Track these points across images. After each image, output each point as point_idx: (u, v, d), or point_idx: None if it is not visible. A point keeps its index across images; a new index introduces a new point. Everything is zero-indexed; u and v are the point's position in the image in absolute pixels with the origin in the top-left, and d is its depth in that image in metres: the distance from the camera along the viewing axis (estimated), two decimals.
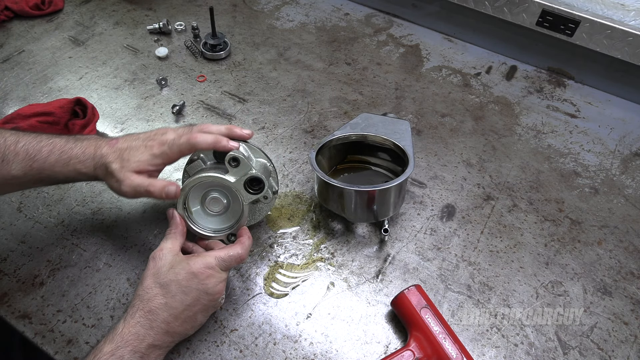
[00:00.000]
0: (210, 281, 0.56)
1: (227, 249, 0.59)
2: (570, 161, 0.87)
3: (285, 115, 0.91)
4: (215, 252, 0.58)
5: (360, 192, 0.66)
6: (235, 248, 0.59)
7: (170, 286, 0.54)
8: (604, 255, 0.73)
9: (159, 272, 0.55)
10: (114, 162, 0.59)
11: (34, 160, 0.59)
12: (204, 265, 0.55)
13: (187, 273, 0.55)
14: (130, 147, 0.60)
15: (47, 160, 0.59)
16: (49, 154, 0.60)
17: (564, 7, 0.91)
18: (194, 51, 1.02)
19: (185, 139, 0.59)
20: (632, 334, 0.65)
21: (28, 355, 0.78)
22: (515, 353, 0.62)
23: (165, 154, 0.60)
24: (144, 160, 0.59)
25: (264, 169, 0.63)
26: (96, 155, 0.61)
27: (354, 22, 1.15)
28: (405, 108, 0.94)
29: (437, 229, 0.75)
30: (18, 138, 0.60)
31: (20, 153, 0.59)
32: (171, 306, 0.53)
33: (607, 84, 1.00)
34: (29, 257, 0.68)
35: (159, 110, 0.90)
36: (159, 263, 0.56)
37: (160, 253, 0.57)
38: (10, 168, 0.58)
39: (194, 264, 0.55)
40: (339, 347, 0.61)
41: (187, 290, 0.54)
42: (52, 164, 0.59)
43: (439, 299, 0.67)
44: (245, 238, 0.61)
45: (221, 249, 0.59)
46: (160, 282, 0.54)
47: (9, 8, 1.06)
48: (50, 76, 0.95)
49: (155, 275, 0.55)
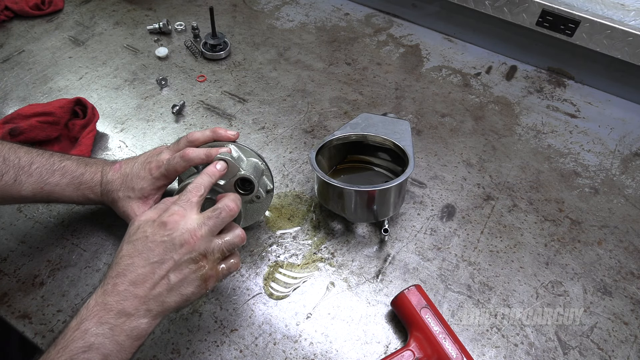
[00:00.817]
0: (179, 230, 0.48)
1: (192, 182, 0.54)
2: (570, 161, 0.87)
3: (285, 115, 0.91)
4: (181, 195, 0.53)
5: (360, 192, 0.66)
6: (200, 177, 0.55)
7: (137, 243, 0.48)
8: (604, 255, 0.73)
9: (129, 234, 0.50)
10: (119, 190, 0.62)
11: (45, 183, 0.60)
12: (170, 212, 0.49)
13: (154, 228, 0.49)
14: (132, 173, 0.62)
15: (59, 185, 0.61)
16: (60, 178, 0.61)
17: (564, 7, 0.91)
18: (194, 51, 1.02)
19: (178, 157, 0.60)
20: (632, 334, 0.65)
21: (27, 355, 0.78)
22: (515, 353, 0.62)
23: (163, 175, 0.61)
24: (147, 187, 0.62)
25: (254, 168, 0.63)
26: (103, 181, 0.63)
27: (354, 22, 1.15)
28: (405, 108, 0.94)
29: (437, 229, 0.75)
30: (32, 159, 0.60)
31: (33, 175, 0.60)
32: (137, 265, 0.47)
33: (607, 84, 1.00)
34: (29, 257, 0.68)
35: (159, 110, 0.90)
36: (131, 227, 0.51)
37: (137, 217, 0.52)
38: (21, 189, 0.59)
39: (162, 216, 0.49)
40: (339, 347, 0.61)
41: (153, 245, 0.48)
42: (62, 188, 0.61)
43: (439, 299, 0.67)
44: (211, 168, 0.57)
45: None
46: (130, 240, 0.49)
47: (9, 8, 1.06)
48: (50, 76, 0.95)
49: (126, 239, 0.50)
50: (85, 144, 0.80)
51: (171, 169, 0.60)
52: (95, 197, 0.63)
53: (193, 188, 0.53)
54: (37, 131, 0.79)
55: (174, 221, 0.49)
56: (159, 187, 0.63)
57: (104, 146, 0.83)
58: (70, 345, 0.44)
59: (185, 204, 0.51)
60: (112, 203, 0.63)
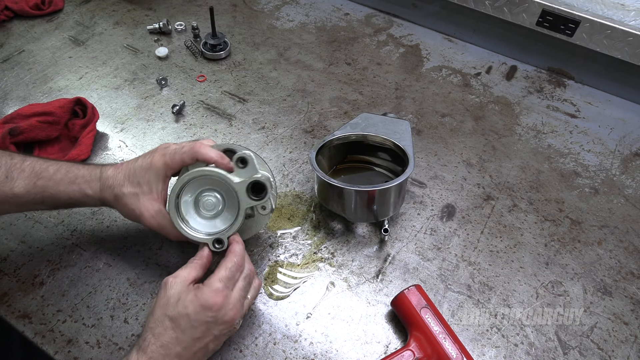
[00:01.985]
0: (223, 310, 0.53)
1: (222, 264, 0.56)
2: (570, 161, 0.87)
3: (285, 115, 0.91)
4: (216, 274, 0.54)
5: (360, 192, 0.66)
6: (230, 258, 0.56)
7: (180, 320, 0.52)
8: (604, 255, 0.73)
9: (168, 304, 0.53)
10: (123, 185, 0.59)
11: (39, 177, 0.59)
12: (213, 293, 0.53)
13: (196, 306, 0.52)
14: (135, 167, 0.60)
15: (53, 178, 0.59)
16: (55, 172, 0.60)
17: (564, 7, 0.91)
18: (194, 51, 1.02)
19: (188, 147, 0.59)
20: (632, 334, 0.65)
21: (27, 355, 0.78)
22: (515, 353, 0.62)
23: (166, 164, 0.59)
24: (152, 179, 0.59)
25: (267, 178, 0.59)
26: (102, 177, 0.61)
27: (354, 22, 1.15)
28: (405, 108, 0.94)
29: (437, 229, 0.75)
30: (25, 158, 0.60)
31: (26, 170, 0.59)
32: (182, 340, 0.52)
33: (607, 84, 1.00)
34: (29, 257, 0.68)
35: (159, 110, 0.90)
36: (169, 292, 0.53)
37: (173, 281, 0.54)
38: (13, 185, 0.58)
39: (202, 295, 0.52)
40: (339, 347, 0.61)
41: (196, 324, 0.52)
42: (57, 182, 0.59)
43: (439, 299, 0.67)
44: (234, 245, 0.58)
45: (218, 268, 0.55)
46: (169, 315, 0.52)
47: (9, 8, 1.06)
48: (50, 76, 0.95)
49: (164, 307, 0.53)
50: (85, 144, 0.80)
51: (177, 159, 0.58)
52: (93, 193, 0.60)
53: (235, 267, 0.56)
54: (37, 131, 0.79)
55: (218, 304, 0.52)
56: (163, 177, 0.60)
57: (104, 146, 0.83)
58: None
59: (229, 282, 0.55)
60: (115, 200, 0.60)
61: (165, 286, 0.54)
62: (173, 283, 0.54)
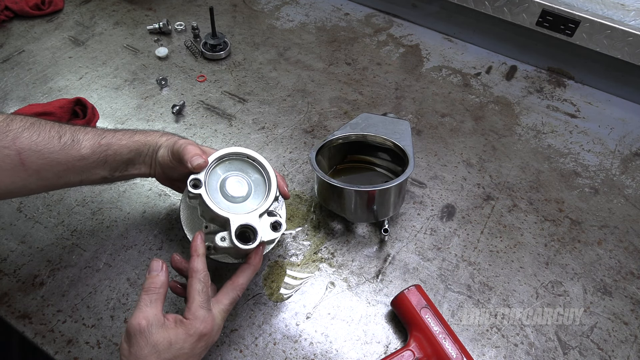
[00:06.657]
0: (214, 331, 0.53)
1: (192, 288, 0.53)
2: (570, 161, 0.87)
3: (285, 115, 0.91)
4: (195, 301, 0.52)
5: (360, 192, 0.66)
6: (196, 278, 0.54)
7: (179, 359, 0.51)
8: (604, 255, 0.73)
9: (158, 351, 0.49)
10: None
11: (102, 136, 0.60)
12: (203, 323, 0.52)
13: (192, 342, 0.51)
14: None
15: (115, 135, 0.61)
16: (116, 132, 0.62)
17: (564, 7, 0.91)
18: (194, 51, 1.02)
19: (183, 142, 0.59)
20: (632, 334, 0.65)
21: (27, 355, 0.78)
22: (515, 353, 0.62)
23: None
24: None
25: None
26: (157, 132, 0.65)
27: (354, 22, 1.15)
28: (405, 108, 0.94)
29: (437, 229, 0.75)
30: (87, 127, 0.63)
31: (89, 132, 0.61)
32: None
33: (607, 84, 1.00)
34: (29, 257, 0.68)
35: (159, 110, 0.90)
36: (151, 339, 0.49)
37: (147, 325, 0.49)
38: (80, 147, 0.59)
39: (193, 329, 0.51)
40: (339, 347, 0.61)
41: (193, 354, 0.52)
42: (119, 138, 0.61)
43: (439, 299, 0.67)
44: (194, 262, 0.55)
45: (191, 294, 0.53)
46: (164, 357, 0.50)
47: (9, 8, 1.06)
48: (50, 76, 0.95)
49: (154, 355, 0.49)
50: None
51: (176, 152, 0.59)
52: (152, 139, 0.62)
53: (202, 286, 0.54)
54: None
55: (209, 329, 0.53)
56: None
57: None
58: None
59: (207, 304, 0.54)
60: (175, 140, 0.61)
61: (141, 334, 0.49)
62: (150, 328, 0.49)
